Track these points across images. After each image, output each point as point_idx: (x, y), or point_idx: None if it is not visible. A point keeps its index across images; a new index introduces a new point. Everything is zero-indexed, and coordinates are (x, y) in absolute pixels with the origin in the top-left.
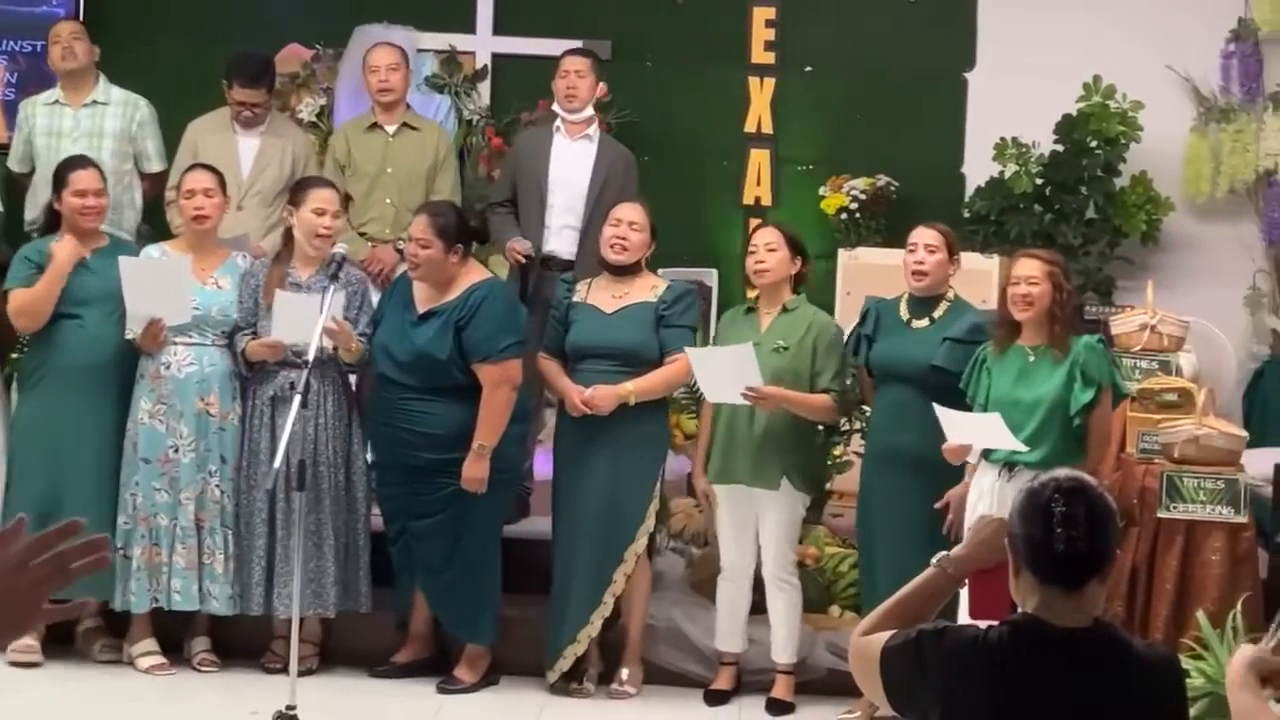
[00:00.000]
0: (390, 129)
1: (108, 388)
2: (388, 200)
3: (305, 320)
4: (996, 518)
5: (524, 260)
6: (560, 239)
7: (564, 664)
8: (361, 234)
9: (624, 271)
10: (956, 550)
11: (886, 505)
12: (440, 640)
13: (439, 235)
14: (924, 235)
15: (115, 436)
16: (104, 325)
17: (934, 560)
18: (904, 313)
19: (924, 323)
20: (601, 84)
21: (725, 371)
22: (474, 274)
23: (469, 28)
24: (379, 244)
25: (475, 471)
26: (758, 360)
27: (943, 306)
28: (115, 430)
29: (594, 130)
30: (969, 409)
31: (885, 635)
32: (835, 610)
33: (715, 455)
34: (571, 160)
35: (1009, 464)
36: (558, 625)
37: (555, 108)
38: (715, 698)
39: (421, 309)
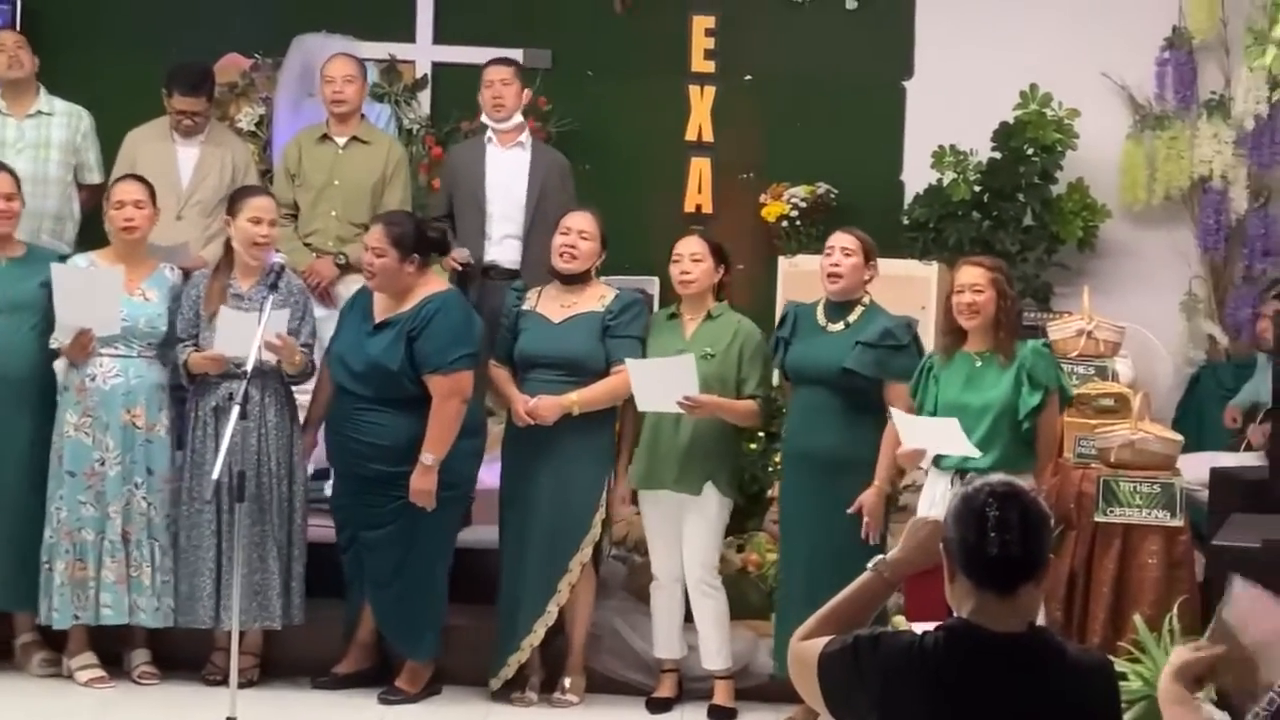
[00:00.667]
0: (341, 141)
1: (23, 400)
2: (333, 212)
3: (248, 335)
4: (931, 520)
5: (461, 268)
6: (502, 248)
7: (508, 672)
8: (306, 244)
9: (573, 280)
10: (892, 554)
11: (801, 507)
12: (383, 651)
13: (393, 244)
14: (841, 239)
15: (34, 450)
16: (14, 336)
17: (870, 564)
18: (820, 317)
19: (839, 326)
20: (529, 91)
21: (663, 381)
22: (431, 285)
23: (409, 37)
24: (322, 255)
25: (422, 484)
26: None
27: (857, 311)
28: (33, 443)
29: (525, 138)
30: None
31: (823, 641)
32: (775, 616)
33: (639, 460)
34: (506, 169)
35: (960, 471)
36: (504, 635)
37: (484, 119)
38: (657, 705)
39: (378, 319)
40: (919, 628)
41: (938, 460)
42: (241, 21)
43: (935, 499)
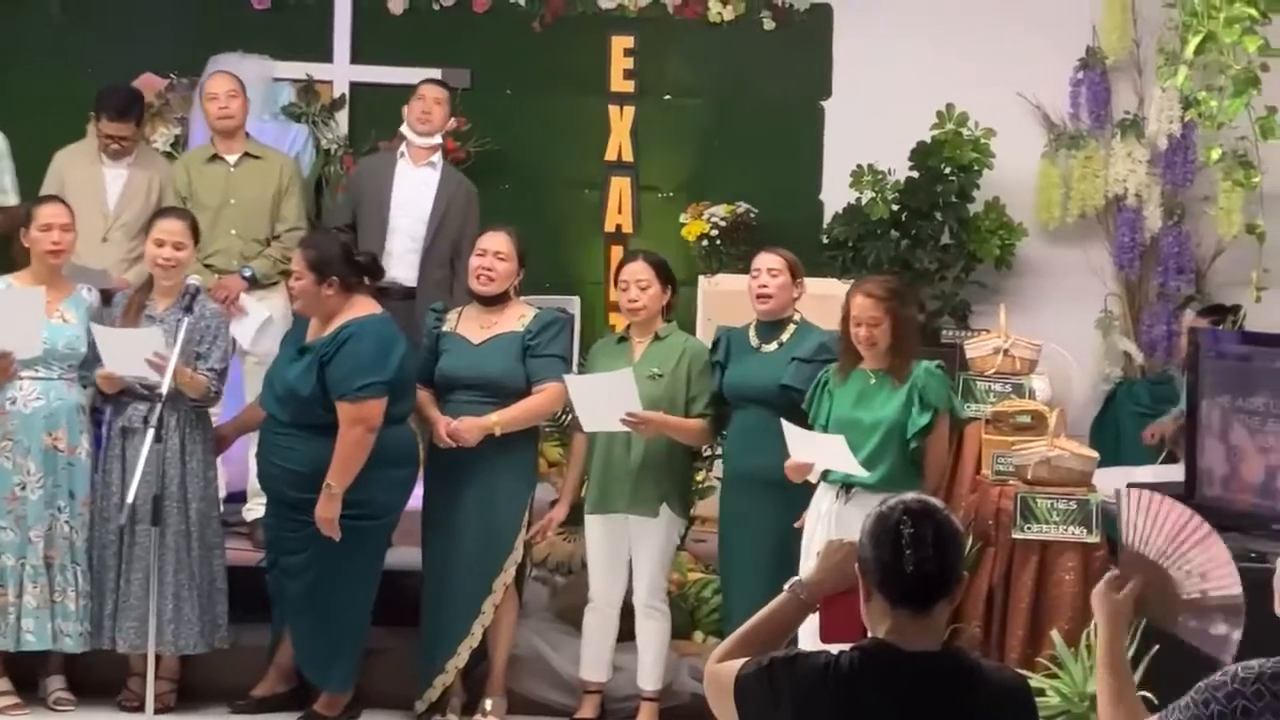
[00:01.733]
0: (232, 159)
1: None
2: (233, 231)
3: (134, 353)
4: (847, 542)
5: None
6: (401, 265)
7: (432, 694)
8: (208, 266)
9: (492, 302)
10: (808, 575)
11: (743, 528)
12: (303, 674)
13: (310, 268)
14: (766, 260)
15: None
16: None
17: (786, 586)
18: (753, 338)
19: (773, 346)
20: (453, 120)
21: (604, 399)
22: (355, 310)
23: (326, 56)
24: (225, 275)
25: (324, 512)
26: None
27: (790, 329)
28: None
29: (437, 159)
30: (812, 428)
31: (739, 663)
32: (699, 636)
33: (592, 487)
34: (414, 187)
35: (846, 485)
36: (428, 656)
37: (405, 130)
38: None
39: (304, 344)
40: (834, 649)
41: (825, 474)
42: (157, 41)
43: (822, 513)
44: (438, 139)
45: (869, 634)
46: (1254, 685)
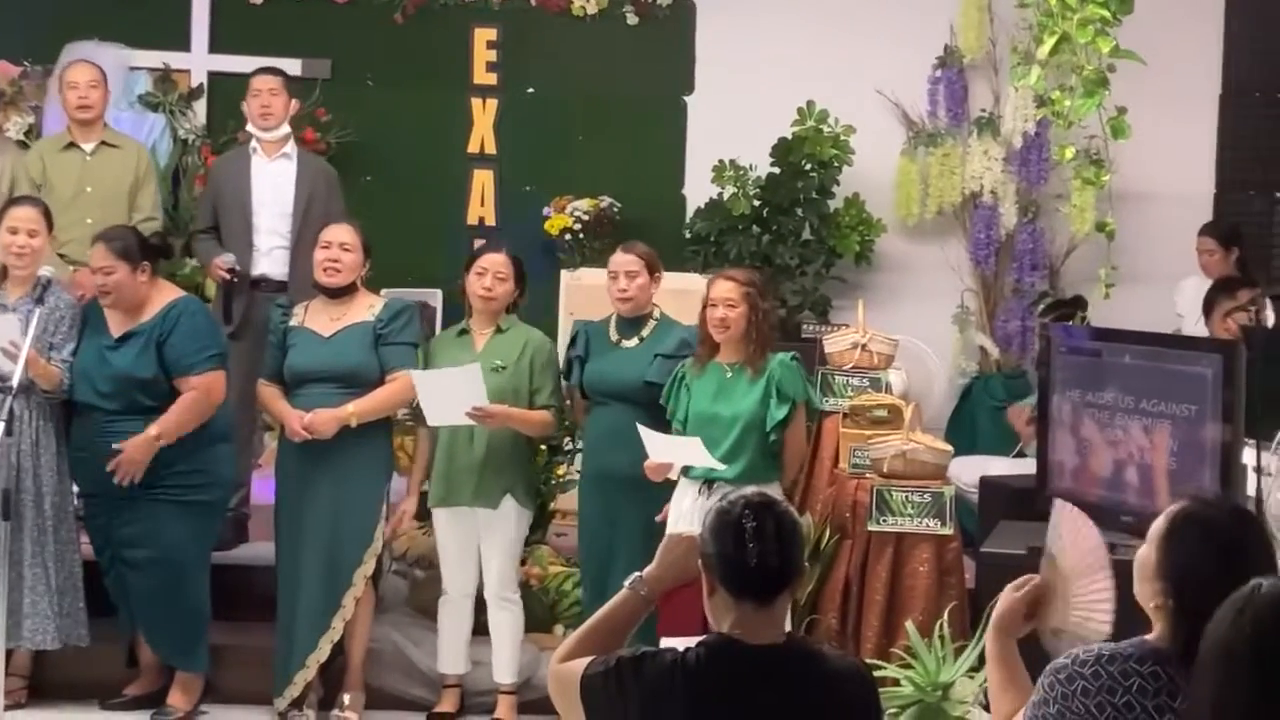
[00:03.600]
0: (88, 147)
1: None
2: (89, 220)
3: None
4: (686, 535)
5: (229, 277)
6: (271, 260)
7: (293, 691)
8: (61, 255)
9: (339, 293)
10: (649, 570)
11: (603, 525)
12: (172, 670)
13: (121, 258)
14: (623, 263)
15: None
16: None
17: (627, 582)
18: (613, 334)
19: (633, 342)
20: (295, 101)
21: (450, 393)
22: (167, 292)
23: (184, 45)
24: (79, 266)
25: (138, 454)
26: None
27: (650, 325)
28: None
29: (291, 148)
30: (671, 423)
31: (584, 662)
32: (559, 629)
33: (436, 480)
34: (272, 180)
35: (708, 481)
36: (286, 651)
37: (250, 128)
38: None
39: (118, 332)
40: (671, 643)
41: (686, 470)
42: (10, 28)
43: (684, 510)
44: (286, 129)
45: (712, 628)
46: (1092, 667)
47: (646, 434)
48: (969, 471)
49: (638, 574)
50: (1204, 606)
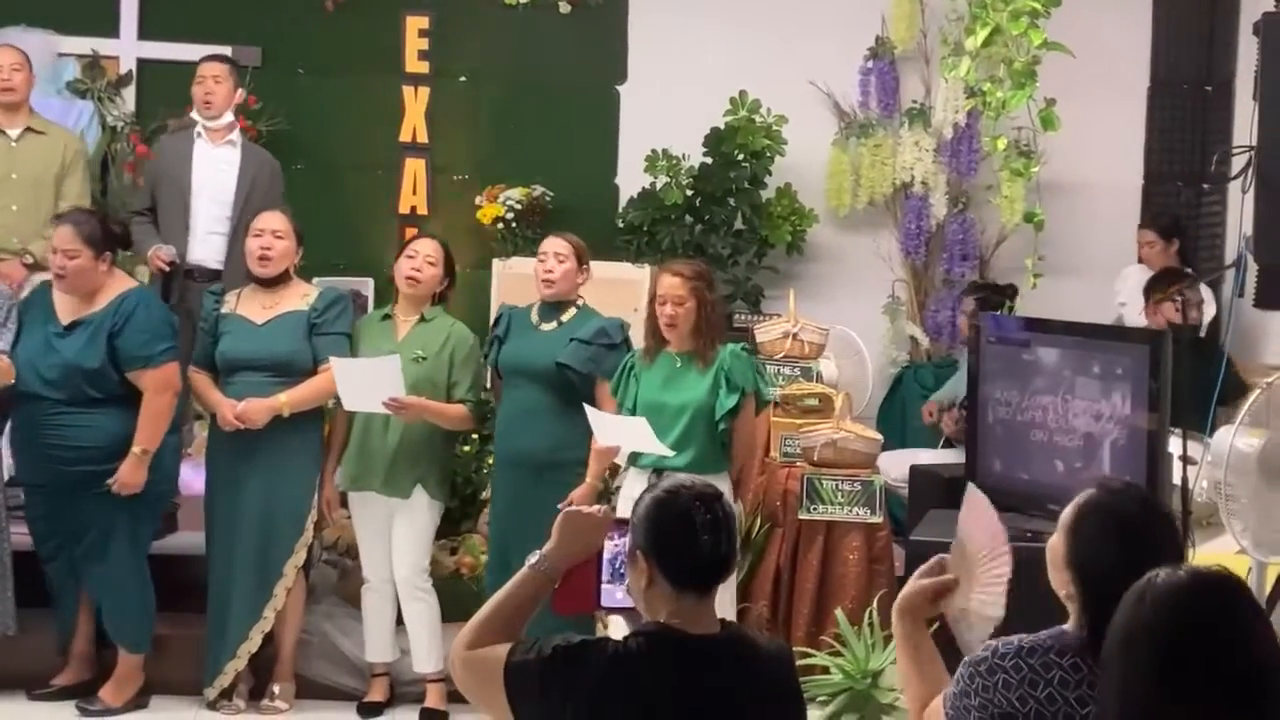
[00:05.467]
0: (14, 133)
1: None
2: (14, 207)
3: None
4: (586, 511)
5: (167, 268)
6: (207, 246)
7: (224, 681)
8: None
9: (272, 282)
10: (548, 547)
11: (514, 508)
12: (102, 661)
13: (86, 243)
14: (554, 245)
15: None
16: None
17: (529, 561)
18: (534, 317)
19: (552, 325)
20: (241, 90)
21: (368, 381)
22: (120, 283)
23: (113, 31)
24: (4, 254)
25: (133, 477)
26: None
27: (570, 312)
28: None
29: (236, 136)
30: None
31: (504, 649)
32: None
33: (348, 462)
34: (215, 166)
35: (657, 470)
36: (217, 642)
37: (194, 115)
38: (369, 710)
39: (66, 320)
40: (617, 635)
41: (635, 459)
42: None
43: (633, 498)
44: (230, 117)
45: (644, 618)
46: (1012, 660)
47: (594, 415)
48: (898, 467)
49: (539, 551)
50: (1110, 595)
